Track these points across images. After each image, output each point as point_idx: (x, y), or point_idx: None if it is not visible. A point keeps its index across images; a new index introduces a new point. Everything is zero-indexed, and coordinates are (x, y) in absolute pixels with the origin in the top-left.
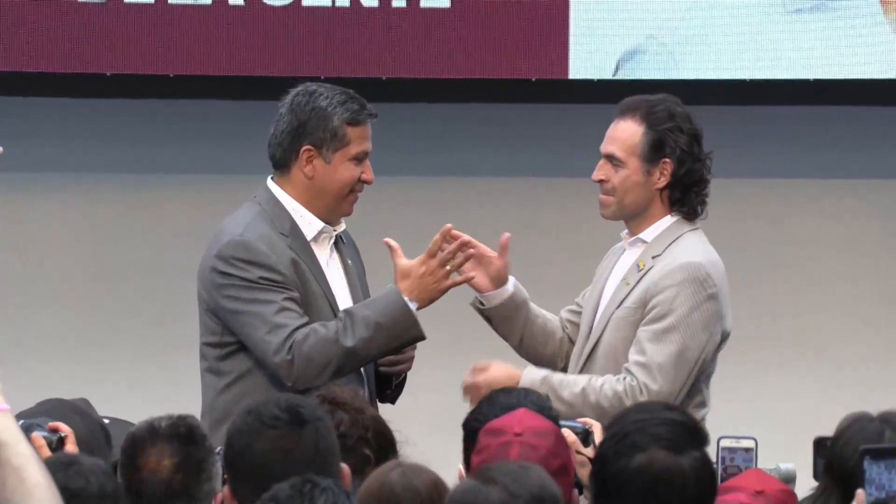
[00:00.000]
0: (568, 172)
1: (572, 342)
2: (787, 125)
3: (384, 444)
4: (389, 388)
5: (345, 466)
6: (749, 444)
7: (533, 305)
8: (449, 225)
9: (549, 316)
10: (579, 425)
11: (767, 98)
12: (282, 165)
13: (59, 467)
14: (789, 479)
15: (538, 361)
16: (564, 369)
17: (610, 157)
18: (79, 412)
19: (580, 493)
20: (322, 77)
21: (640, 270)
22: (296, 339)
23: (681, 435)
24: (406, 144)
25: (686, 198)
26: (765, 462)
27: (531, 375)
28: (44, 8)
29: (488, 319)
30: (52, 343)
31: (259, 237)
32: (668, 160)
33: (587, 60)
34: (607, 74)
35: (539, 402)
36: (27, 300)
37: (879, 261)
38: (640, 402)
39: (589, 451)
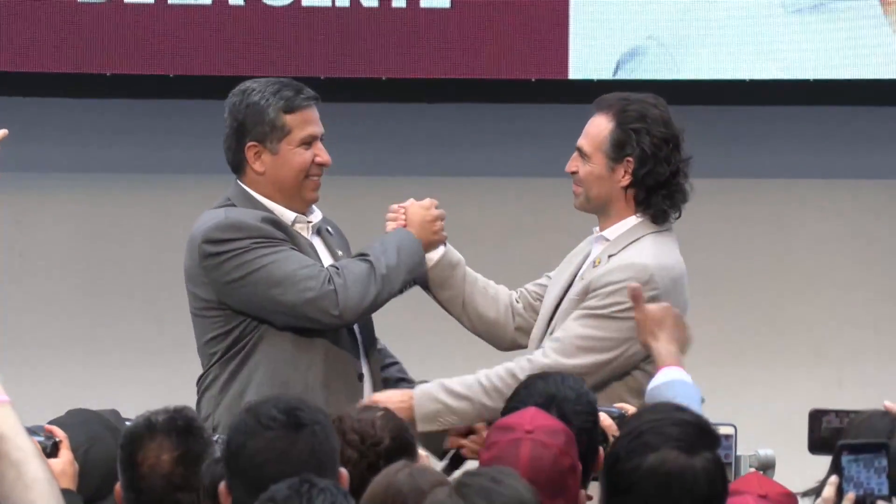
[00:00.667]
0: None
1: (535, 313)
2: (787, 125)
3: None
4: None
5: (343, 471)
6: (728, 430)
7: (471, 270)
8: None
9: (491, 283)
10: (615, 410)
11: (767, 98)
12: (236, 168)
13: None
14: (768, 465)
15: (485, 326)
16: (521, 344)
17: (580, 150)
18: (109, 427)
19: None
20: (322, 77)
21: (594, 267)
22: (330, 270)
23: (693, 436)
24: (406, 144)
25: (651, 199)
26: (744, 449)
27: (423, 385)
28: (44, 8)
29: (427, 288)
30: (51, 342)
31: (242, 214)
32: (630, 159)
33: (587, 61)
34: (607, 75)
35: (576, 388)
36: (27, 300)
37: (879, 260)
38: (536, 372)
39: None
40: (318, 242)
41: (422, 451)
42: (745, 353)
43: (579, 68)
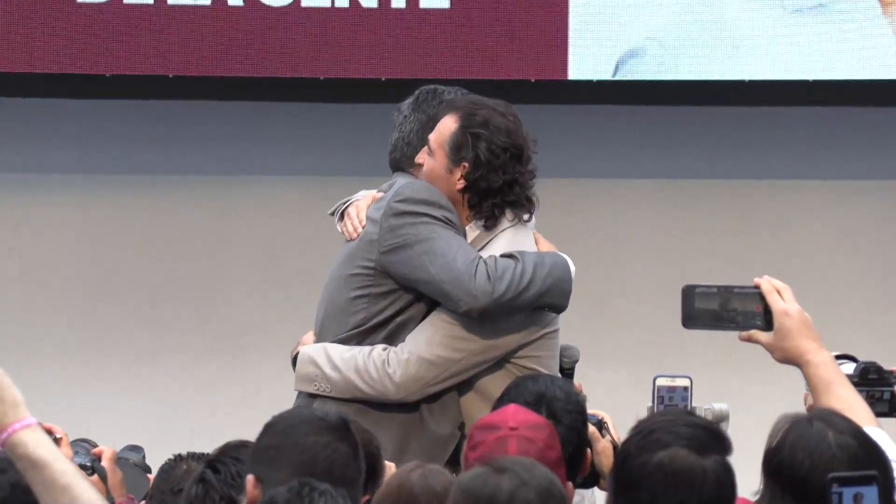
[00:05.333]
0: (567, 172)
1: None
2: (787, 126)
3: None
4: None
5: (365, 498)
6: (685, 382)
7: None
8: None
9: None
10: (593, 416)
11: (766, 99)
12: None
13: (10, 465)
14: (722, 417)
15: None
16: None
17: (428, 145)
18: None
19: (597, 484)
20: (321, 78)
21: None
22: (482, 260)
23: (704, 438)
24: None
25: (482, 205)
26: (699, 401)
27: (310, 346)
28: (44, 9)
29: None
30: (51, 343)
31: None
32: (466, 164)
33: (586, 61)
34: (606, 75)
35: (565, 388)
36: (27, 300)
37: (879, 261)
38: (401, 369)
39: (606, 441)
40: None
41: (388, 462)
42: (744, 354)
43: (579, 69)
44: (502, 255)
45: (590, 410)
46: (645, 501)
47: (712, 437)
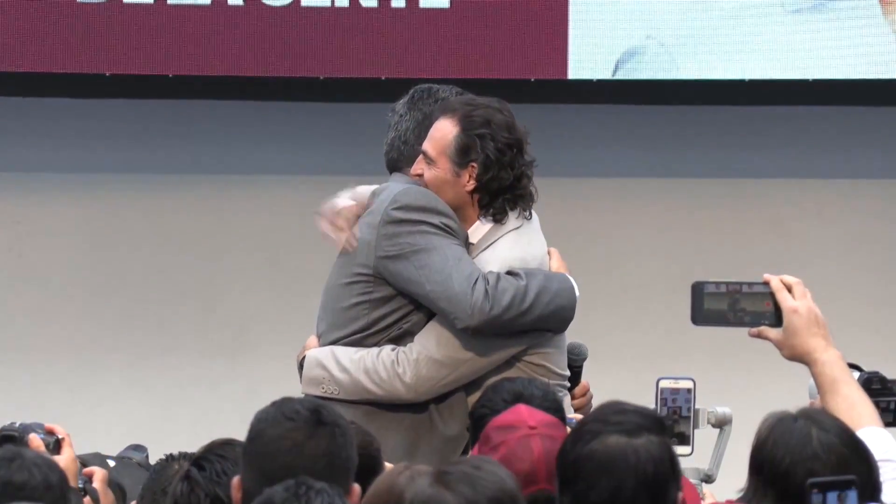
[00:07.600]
0: (567, 172)
1: None
2: (786, 125)
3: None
4: None
5: (356, 486)
6: (688, 384)
7: None
8: None
9: None
10: (572, 420)
11: (766, 98)
12: None
13: (2, 463)
14: (725, 421)
15: None
16: None
17: (425, 154)
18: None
19: None
20: (321, 77)
21: None
22: (483, 275)
23: (636, 421)
24: None
25: (494, 203)
26: (702, 403)
27: (316, 349)
28: (43, 9)
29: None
30: (50, 343)
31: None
32: (475, 165)
33: (586, 61)
34: (606, 75)
35: (543, 388)
36: (27, 300)
37: (879, 261)
38: (411, 367)
39: None
40: None
41: (388, 465)
42: (745, 355)
43: (578, 68)
44: (509, 272)
45: (569, 414)
46: (584, 491)
47: (645, 420)
